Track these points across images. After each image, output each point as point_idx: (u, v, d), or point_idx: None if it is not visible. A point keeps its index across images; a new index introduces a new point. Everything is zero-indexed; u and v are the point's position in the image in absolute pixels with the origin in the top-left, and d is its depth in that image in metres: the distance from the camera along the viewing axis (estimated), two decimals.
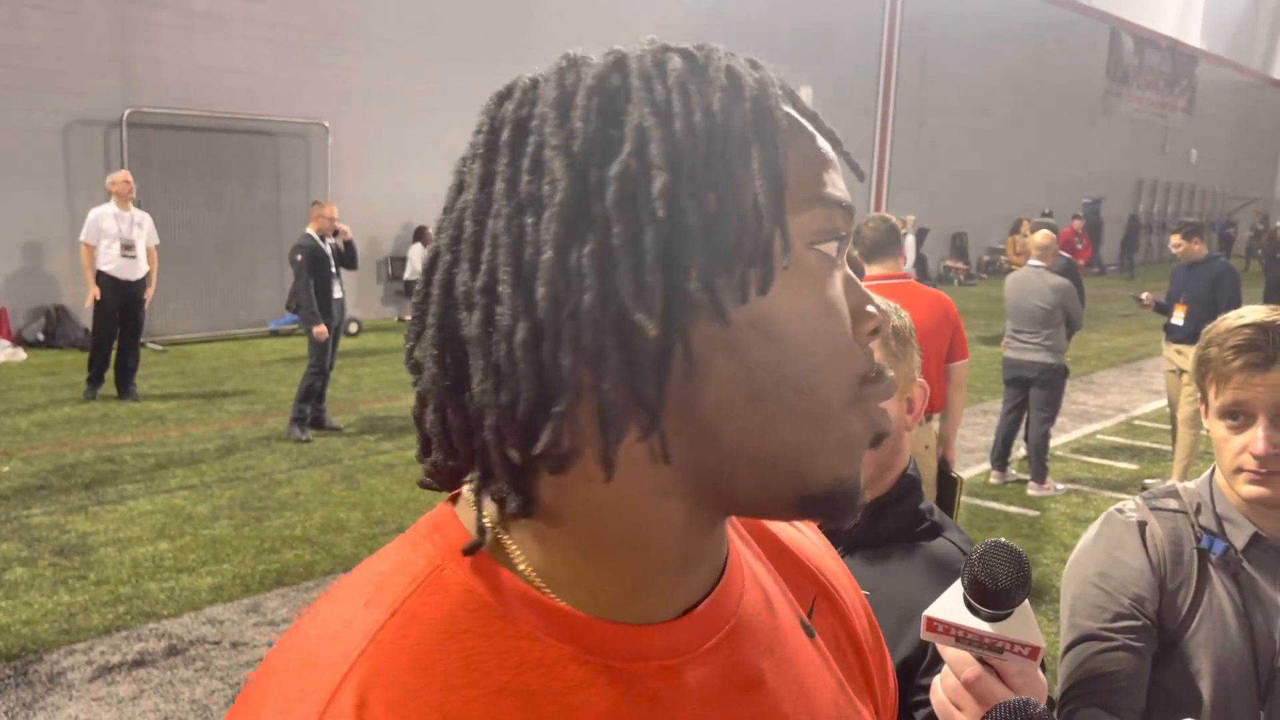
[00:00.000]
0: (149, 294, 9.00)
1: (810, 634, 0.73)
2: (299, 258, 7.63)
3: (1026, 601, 0.82)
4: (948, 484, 4.33)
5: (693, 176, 0.56)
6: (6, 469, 6.66)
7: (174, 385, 9.67)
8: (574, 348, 0.54)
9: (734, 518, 0.73)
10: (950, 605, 0.84)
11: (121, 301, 8.72)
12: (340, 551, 5.40)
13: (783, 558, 0.77)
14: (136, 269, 8.78)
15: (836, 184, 0.62)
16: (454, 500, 0.65)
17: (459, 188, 0.61)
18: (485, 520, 0.60)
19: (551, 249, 0.54)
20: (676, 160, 0.55)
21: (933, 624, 0.85)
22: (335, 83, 13.40)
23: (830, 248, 0.61)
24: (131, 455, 7.10)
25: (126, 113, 11.62)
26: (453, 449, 0.60)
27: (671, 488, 0.59)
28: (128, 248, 8.67)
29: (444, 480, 0.63)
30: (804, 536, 0.81)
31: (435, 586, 0.59)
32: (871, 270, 4.39)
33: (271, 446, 7.50)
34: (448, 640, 0.57)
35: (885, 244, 4.37)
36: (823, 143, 0.63)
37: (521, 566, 0.60)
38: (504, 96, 0.61)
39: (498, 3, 14.82)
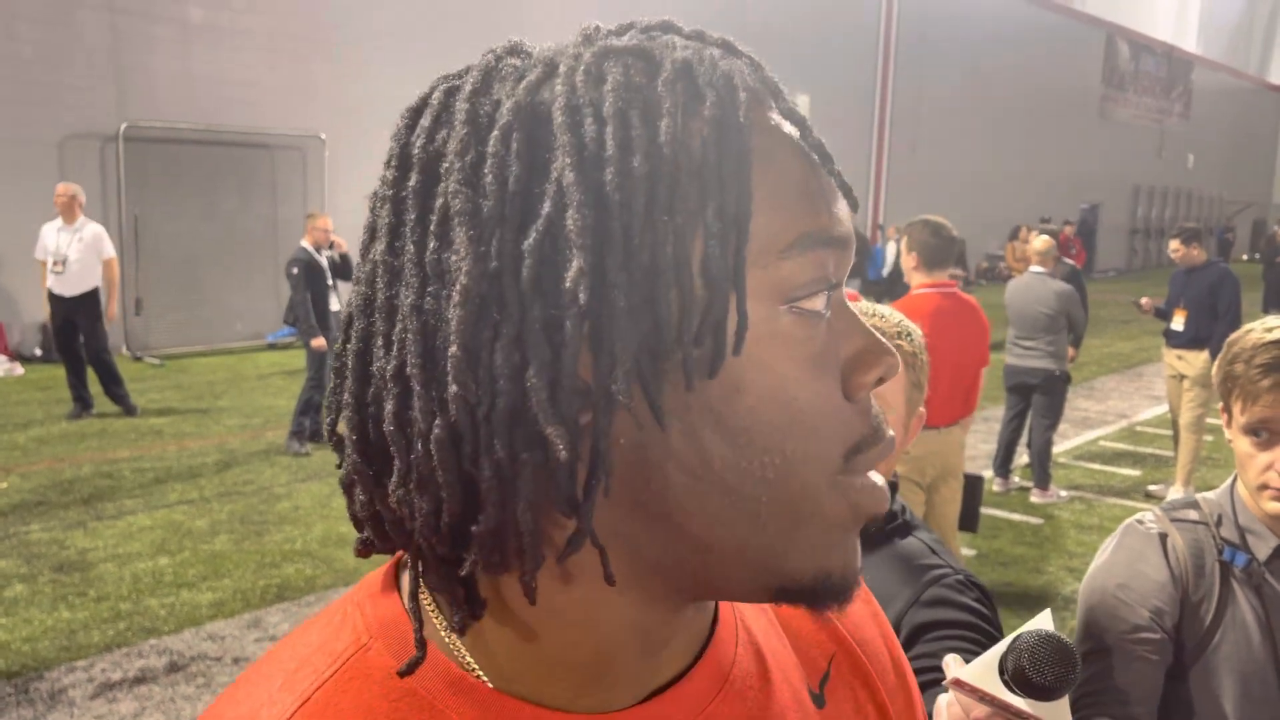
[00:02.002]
0: (111, 308, 8.65)
1: (820, 704, 0.65)
2: (295, 271, 7.61)
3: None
4: (972, 484, 4.34)
5: (626, 244, 0.46)
6: (4, 485, 6.62)
7: (171, 399, 9.63)
8: (491, 458, 0.47)
9: None
10: (984, 674, 0.82)
11: (67, 318, 8.44)
12: (341, 565, 5.37)
13: (795, 611, 0.67)
14: (71, 284, 8.39)
15: (829, 214, 0.51)
16: (400, 562, 0.58)
17: (371, 232, 0.52)
18: (425, 601, 0.54)
19: (458, 342, 0.46)
20: (605, 226, 0.46)
21: (961, 684, 0.82)
22: (331, 95, 13.41)
23: (817, 301, 0.50)
24: (130, 470, 7.07)
25: (122, 126, 11.62)
26: (385, 537, 0.53)
27: (626, 582, 0.51)
28: (58, 263, 8.35)
29: (382, 549, 0.55)
30: None
31: (356, 670, 0.52)
32: (923, 279, 4.34)
33: (270, 460, 7.46)
34: None
35: (941, 255, 4.32)
36: (819, 146, 0.53)
37: (460, 652, 0.53)
38: (416, 115, 0.52)
39: (495, 14, 14.84)
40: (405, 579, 0.56)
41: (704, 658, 0.58)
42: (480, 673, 0.53)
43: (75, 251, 8.39)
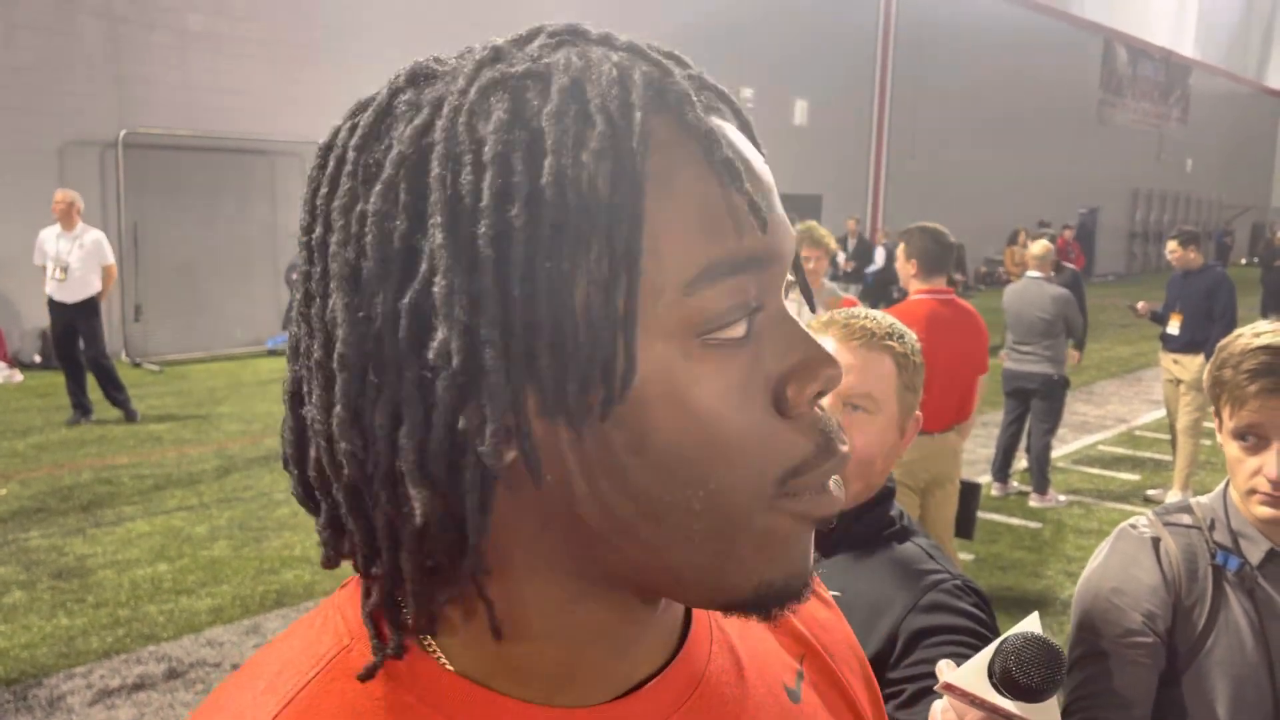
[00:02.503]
0: (105, 292, 8.70)
1: (795, 700, 0.65)
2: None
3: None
4: (968, 490, 4.35)
5: (502, 300, 0.45)
6: (4, 492, 6.63)
7: (171, 405, 9.64)
8: (380, 511, 0.48)
9: None
10: (973, 678, 0.82)
11: (65, 325, 8.48)
12: (340, 571, 5.35)
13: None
14: (70, 291, 8.41)
15: (738, 237, 0.48)
16: None
17: (298, 272, 0.52)
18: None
19: (342, 402, 0.47)
20: (477, 286, 0.44)
21: (951, 688, 0.83)
22: (330, 101, 13.38)
23: (736, 329, 0.48)
24: (129, 477, 7.07)
25: (122, 133, 11.63)
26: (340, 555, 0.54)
27: (581, 593, 0.52)
28: (59, 269, 8.37)
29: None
30: None
31: (339, 671, 0.53)
32: (921, 286, 4.35)
33: (270, 466, 7.47)
34: None
35: (940, 261, 4.32)
36: (752, 168, 0.50)
37: (435, 650, 0.54)
38: (326, 153, 0.51)
39: (494, 20, 14.86)
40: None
41: (679, 656, 0.58)
42: (453, 669, 0.53)
43: (76, 258, 8.39)
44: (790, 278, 0.54)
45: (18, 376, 10.59)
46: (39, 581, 5.13)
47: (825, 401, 1.36)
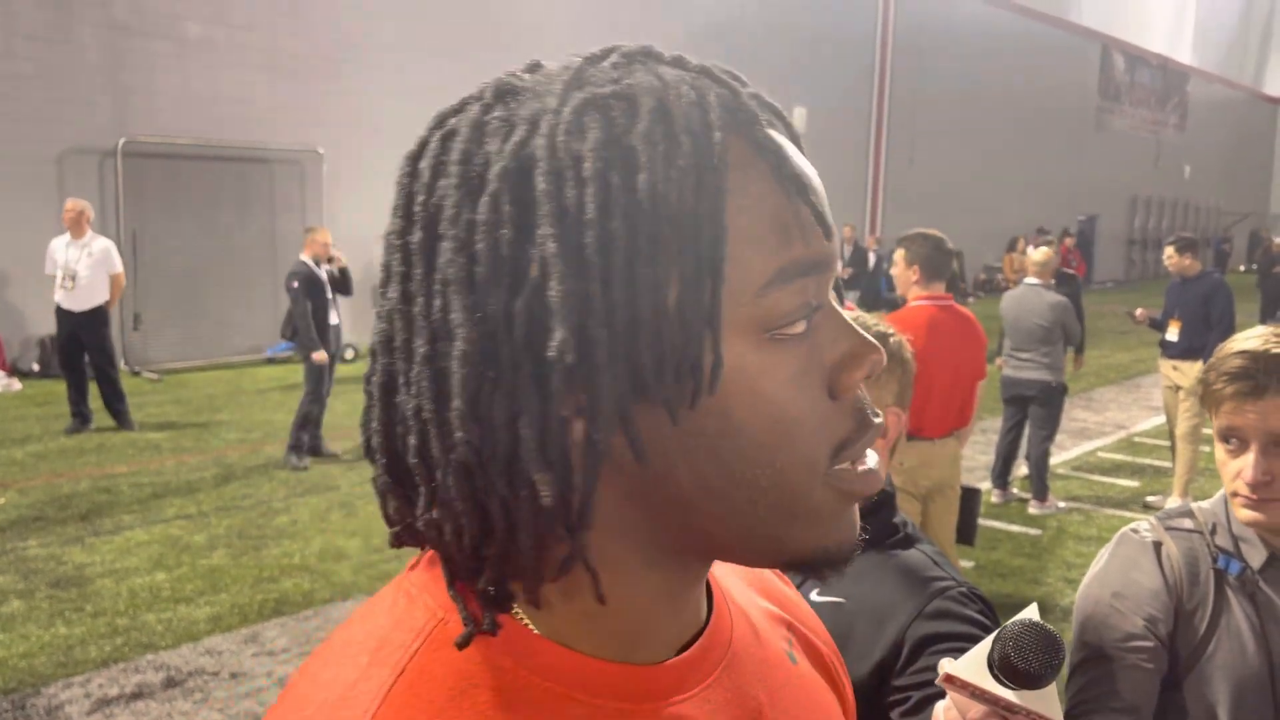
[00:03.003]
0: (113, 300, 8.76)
1: (793, 661, 0.72)
2: (295, 285, 7.61)
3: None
4: (969, 496, 4.34)
5: (607, 302, 0.50)
6: (2, 501, 6.62)
7: (170, 414, 9.63)
8: (496, 494, 0.53)
9: None
10: (973, 668, 0.83)
11: (73, 333, 8.51)
12: (339, 580, 5.36)
13: (754, 589, 0.77)
14: (80, 299, 8.45)
15: (804, 243, 0.54)
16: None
17: (386, 274, 0.57)
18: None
19: (461, 395, 0.51)
20: (586, 290, 0.50)
21: (952, 679, 0.83)
22: (329, 109, 13.44)
23: (798, 326, 0.55)
24: (128, 485, 7.06)
25: (121, 141, 11.64)
26: (416, 535, 0.58)
27: (653, 560, 0.58)
28: (67, 278, 8.40)
29: (413, 544, 0.61)
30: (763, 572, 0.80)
31: (440, 641, 0.57)
32: (921, 292, 4.34)
33: (268, 474, 7.46)
34: (459, 696, 0.55)
35: (941, 268, 4.32)
36: (803, 177, 0.55)
37: (520, 616, 0.58)
38: (415, 163, 0.56)
39: (495, 27, 14.89)
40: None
41: (711, 620, 0.65)
42: (538, 632, 0.58)
43: (85, 267, 8.44)
44: None
45: (16, 385, 10.59)
46: (37, 590, 5.12)
47: None
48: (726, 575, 0.73)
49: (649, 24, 16.68)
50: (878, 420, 0.59)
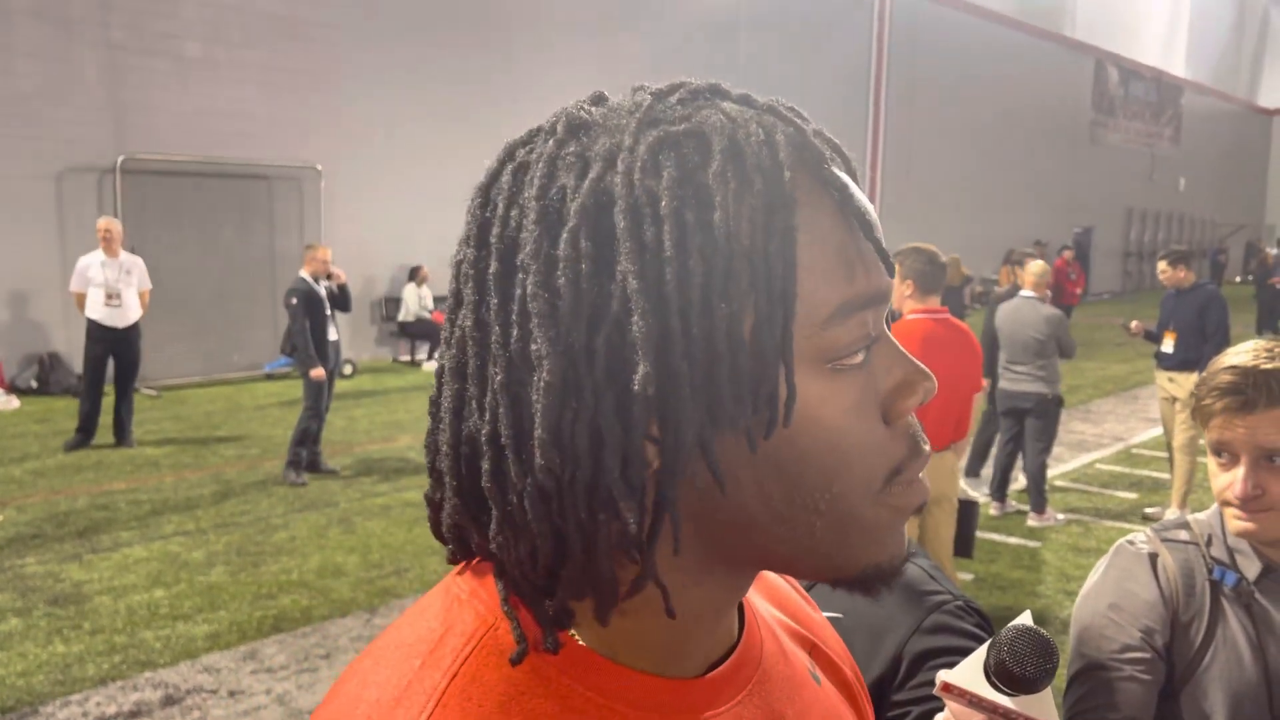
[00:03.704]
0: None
1: (817, 681, 0.73)
2: (294, 301, 7.62)
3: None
4: (966, 509, 4.35)
5: (686, 336, 0.52)
6: (0, 518, 6.61)
7: (168, 430, 9.63)
8: (575, 517, 0.54)
9: None
10: (970, 675, 0.84)
11: (110, 349, 8.67)
12: (338, 596, 5.35)
13: (778, 609, 0.78)
14: (123, 316, 8.68)
15: (866, 277, 0.56)
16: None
17: (456, 300, 0.58)
18: None
19: (543, 425, 0.52)
20: (666, 324, 0.52)
21: (949, 688, 0.84)
22: (328, 125, 13.47)
23: (857, 357, 0.57)
24: (126, 502, 7.05)
25: (120, 159, 11.66)
26: (467, 549, 0.61)
27: (706, 576, 0.60)
28: (111, 296, 8.58)
29: (467, 558, 0.63)
30: (788, 587, 0.81)
31: (491, 647, 0.58)
32: (916, 306, 4.35)
33: (267, 491, 7.45)
34: (509, 702, 0.56)
35: (935, 281, 4.33)
36: (867, 214, 0.57)
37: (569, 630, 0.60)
38: (487, 193, 0.58)
39: (492, 42, 14.94)
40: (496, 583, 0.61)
41: (744, 636, 0.67)
42: (583, 643, 0.59)
43: (125, 284, 8.69)
44: None
45: (14, 402, 10.58)
46: (35, 608, 5.11)
47: None
48: (751, 592, 0.74)
49: (644, 40, 16.74)
50: (926, 449, 0.60)
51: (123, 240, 8.91)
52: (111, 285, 8.60)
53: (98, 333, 8.63)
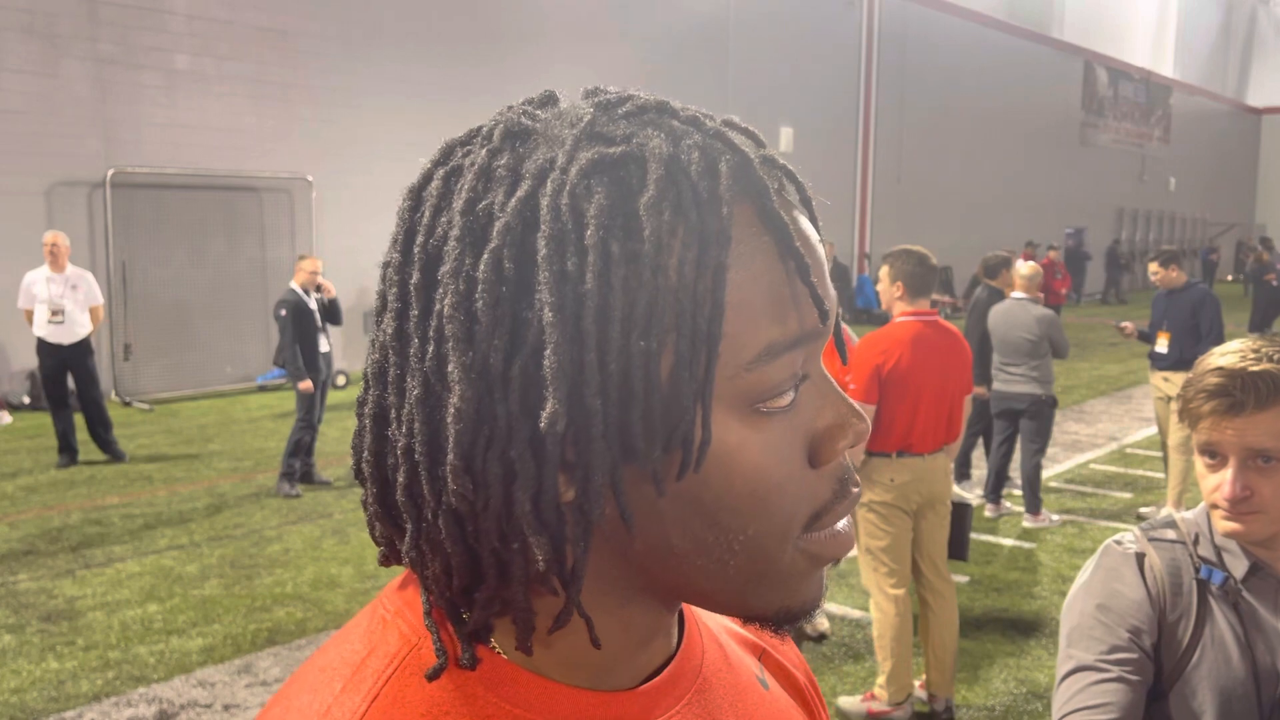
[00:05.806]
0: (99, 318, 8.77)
1: (765, 686, 0.73)
2: (283, 313, 7.60)
3: None
4: (960, 511, 4.33)
5: (602, 372, 0.49)
6: None
7: (161, 444, 9.60)
8: (488, 543, 0.53)
9: None
10: None
11: (59, 365, 8.51)
12: (333, 608, 5.33)
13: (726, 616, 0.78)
14: (69, 333, 8.47)
15: (798, 318, 0.53)
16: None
17: (382, 303, 0.56)
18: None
19: (454, 451, 0.51)
20: (581, 360, 0.49)
21: None
22: (317, 137, 13.47)
23: (784, 399, 0.54)
24: (119, 516, 7.03)
25: (110, 172, 11.65)
26: (401, 558, 0.59)
27: (626, 600, 0.59)
28: (55, 312, 8.40)
29: (400, 563, 0.61)
30: None
31: (413, 668, 0.57)
32: (905, 308, 4.34)
33: (261, 503, 7.43)
34: None
35: (925, 283, 4.32)
36: (815, 255, 0.55)
37: (493, 641, 0.59)
38: (417, 198, 0.55)
39: (481, 54, 14.95)
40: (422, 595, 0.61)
41: (681, 648, 0.66)
42: (510, 659, 0.58)
43: (71, 300, 8.48)
44: None
45: (6, 418, 10.55)
46: (28, 625, 5.09)
47: None
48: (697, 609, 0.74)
49: (636, 46, 16.77)
50: (855, 490, 0.58)
51: (70, 254, 8.71)
52: (55, 301, 8.41)
53: (45, 350, 8.50)
